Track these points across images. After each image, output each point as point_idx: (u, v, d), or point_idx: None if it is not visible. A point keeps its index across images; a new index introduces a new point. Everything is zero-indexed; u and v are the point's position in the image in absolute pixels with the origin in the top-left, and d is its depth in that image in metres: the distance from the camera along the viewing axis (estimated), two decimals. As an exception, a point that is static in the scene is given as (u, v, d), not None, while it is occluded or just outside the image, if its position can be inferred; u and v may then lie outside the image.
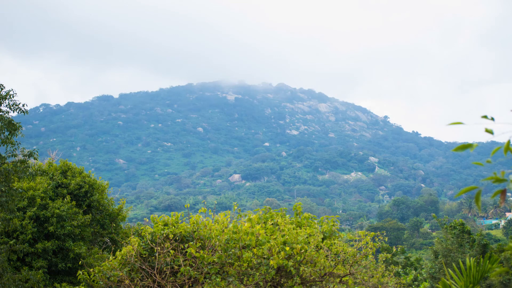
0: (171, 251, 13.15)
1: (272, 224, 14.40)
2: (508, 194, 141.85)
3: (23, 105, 18.17)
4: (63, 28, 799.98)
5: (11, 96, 17.77)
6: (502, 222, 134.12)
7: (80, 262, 17.55)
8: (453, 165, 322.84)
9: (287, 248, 12.34)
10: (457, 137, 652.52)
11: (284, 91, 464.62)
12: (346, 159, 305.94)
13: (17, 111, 18.15)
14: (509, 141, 4.43)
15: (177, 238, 13.64)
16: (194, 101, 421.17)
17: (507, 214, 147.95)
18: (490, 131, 4.52)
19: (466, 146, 4.56)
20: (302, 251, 12.57)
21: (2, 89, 17.65)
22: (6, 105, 17.73)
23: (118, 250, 15.68)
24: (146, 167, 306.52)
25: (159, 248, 13.26)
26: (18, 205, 21.88)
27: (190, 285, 13.11)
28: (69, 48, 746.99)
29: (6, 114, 17.61)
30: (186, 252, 13.20)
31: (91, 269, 13.77)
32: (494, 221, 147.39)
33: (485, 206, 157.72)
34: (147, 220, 15.30)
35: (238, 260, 12.78)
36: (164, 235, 13.57)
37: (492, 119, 4.56)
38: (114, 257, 13.92)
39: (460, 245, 35.17)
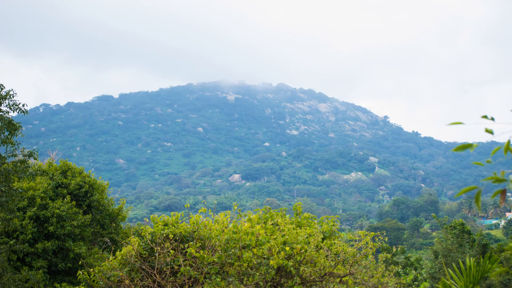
0: (171, 251, 13.14)
1: (272, 224, 14.39)
2: (508, 194, 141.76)
3: (23, 105, 18.17)
4: (63, 28, 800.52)
5: (11, 96, 17.77)
6: (502, 222, 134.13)
7: (80, 262, 17.54)
8: (453, 165, 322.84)
9: (287, 248, 12.33)
10: (457, 137, 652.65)
11: (284, 91, 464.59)
12: (346, 159, 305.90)
13: (17, 111, 18.15)
14: (509, 141, 4.42)
15: (177, 238, 13.63)
16: (194, 101, 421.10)
17: (507, 214, 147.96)
18: (490, 131, 4.51)
19: (466, 146, 4.56)
20: (302, 251, 12.56)
21: (2, 89, 17.65)
22: (6, 105, 17.73)
23: (118, 250, 15.66)
24: (146, 167, 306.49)
25: (159, 248, 13.25)
26: (18, 205, 21.87)
27: (190, 285, 13.10)
28: (69, 48, 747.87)
29: (6, 114, 17.61)
30: (186, 252, 13.19)
31: (91, 269, 13.76)
32: (494, 221, 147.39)
33: (485, 206, 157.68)
34: (147, 220, 15.29)
35: (238, 260, 12.78)
36: (164, 235, 13.55)
37: (492, 119, 4.55)
38: (114, 257, 13.91)
39: (460, 245, 35.17)
